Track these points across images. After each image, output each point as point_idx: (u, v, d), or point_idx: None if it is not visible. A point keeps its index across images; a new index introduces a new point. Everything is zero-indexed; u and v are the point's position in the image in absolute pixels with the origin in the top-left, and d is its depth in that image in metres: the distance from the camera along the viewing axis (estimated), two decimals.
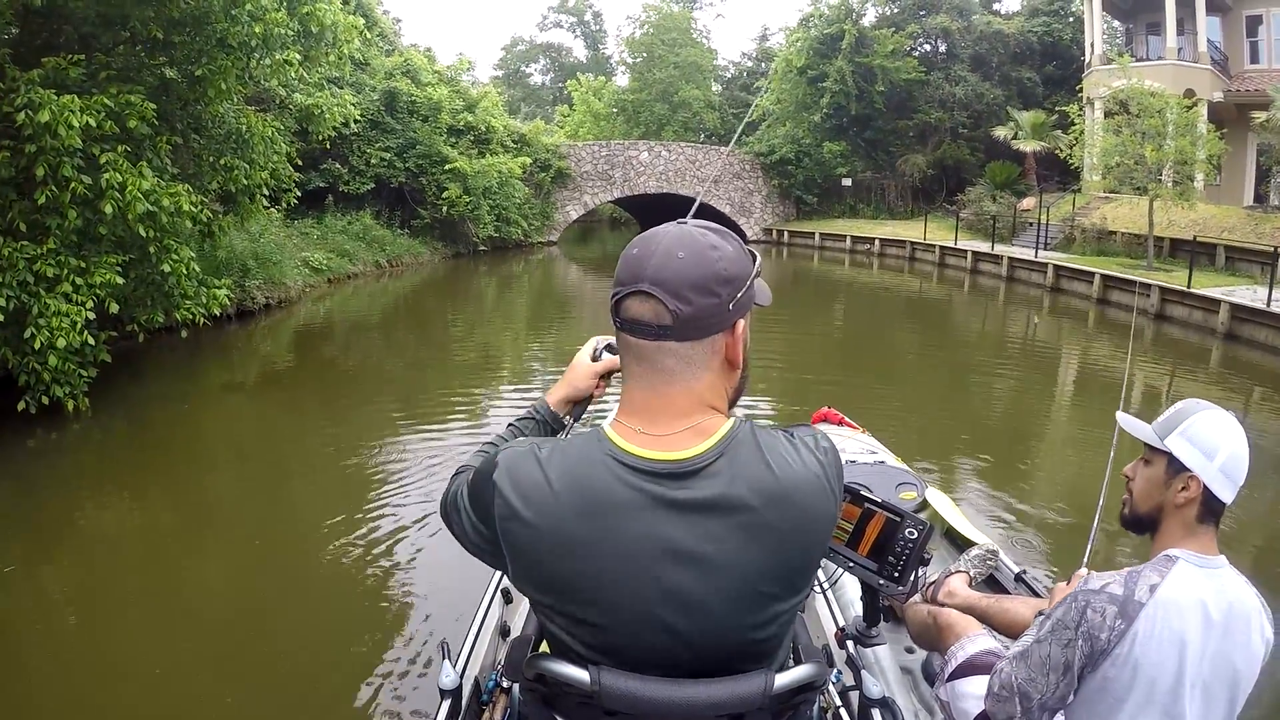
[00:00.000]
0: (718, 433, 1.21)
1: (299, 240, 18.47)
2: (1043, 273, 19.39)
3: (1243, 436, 1.85)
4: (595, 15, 66.66)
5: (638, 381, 1.23)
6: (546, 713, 1.32)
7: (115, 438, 8.16)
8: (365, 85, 22.97)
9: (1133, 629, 1.75)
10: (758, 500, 1.18)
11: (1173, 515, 1.87)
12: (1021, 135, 29.26)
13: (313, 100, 11.23)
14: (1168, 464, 1.87)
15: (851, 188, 33.65)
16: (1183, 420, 1.88)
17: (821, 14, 33.61)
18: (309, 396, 10.18)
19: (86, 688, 4.09)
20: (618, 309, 1.21)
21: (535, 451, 1.23)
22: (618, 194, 33.58)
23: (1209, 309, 14.11)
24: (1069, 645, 1.82)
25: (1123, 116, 18.93)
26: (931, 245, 24.81)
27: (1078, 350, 13.84)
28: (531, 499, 1.19)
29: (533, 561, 1.21)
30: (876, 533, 2.17)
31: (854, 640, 2.32)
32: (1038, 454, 8.32)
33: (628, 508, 1.17)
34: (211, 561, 5.60)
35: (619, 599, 1.18)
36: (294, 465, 7.69)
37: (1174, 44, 25.20)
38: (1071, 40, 32.70)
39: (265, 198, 10.37)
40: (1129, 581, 1.79)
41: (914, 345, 14.20)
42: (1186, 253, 18.13)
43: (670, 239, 1.21)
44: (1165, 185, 18.28)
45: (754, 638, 1.23)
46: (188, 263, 8.07)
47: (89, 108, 7.01)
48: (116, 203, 7.17)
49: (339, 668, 4.20)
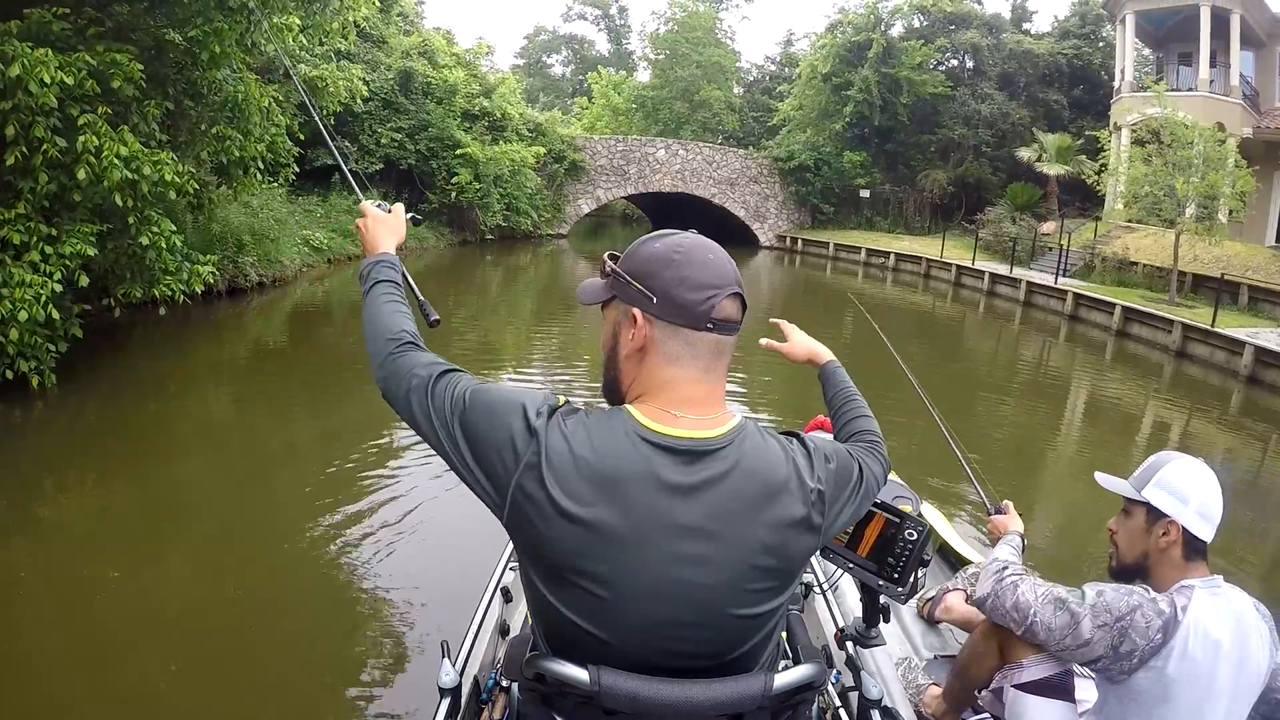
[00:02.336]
0: (733, 421, 1.34)
1: (302, 217, 18.04)
2: (1061, 300, 18.85)
3: (1214, 479, 2.02)
4: (620, 10, 66.21)
5: (695, 374, 1.33)
6: (546, 712, 1.32)
7: (85, 418, 7.65)
8: (380, 63, 22.54)
9: (1169, 644, 1.88)
10: (760, 485, 1.29)
11: (1159, 559, 2.03)
12: (1046, 158, 28.76)
13: (318, 72, 10.76)
14: (1147, 513, 2.04)
15: (869, 199, 33.17)
16: (1156, 471, 2.05)
17: (851, 21, 33.09)
18: (299, 381, 9.70)
19: (47, 689, 3.78)
20: (710, 310, 1.31)
21: (561, 425, 1.28)
22: (631, 190, 33.09)
23: (1232, 350, 13.59)
24: (1103, 628, 1.95)
25: (1154, 145, 18.42)
26: (948, 264, 24.27)
27: (1094, 383, 13.33)
28: (553, 461, 1.24)
29: (546, 520, 1.23)
30: (876, 534, 2.20)
31: (854, 641, 2.35)
32: (1038, 484, 7.96)
33: (648, 478, 1.24)
34: (191, 558, 5.20)
35: (632, 563, 1.23)
36: (281, 454, 7.23)
37: (1206, 75, 24.79)
38: (1101, 65, 32.31)
39: (260, 171, 9.86)
40: (1173, 602, 1.92)
41: (923, 363, 13.70)
42: (1209, 289, 17.69)
43: (706, 243, 1.36)
44: (1190, 219, 17.80)
45: (750, 625, 1.31)
46: (168, 236, 7.60)
47: (68, 65, 6.54)
48: (92, 168, 6.69)
49: (337, 667, 4.11)
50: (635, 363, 1.36)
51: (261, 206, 15.23)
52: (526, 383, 10.10)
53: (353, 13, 9.69)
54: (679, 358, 1.32)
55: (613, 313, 1.40)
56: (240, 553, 5.30)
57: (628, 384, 1.38)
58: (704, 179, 33.04)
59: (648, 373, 1.34)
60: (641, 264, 1.34)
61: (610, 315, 1.41)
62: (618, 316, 1.38)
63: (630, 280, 1.33)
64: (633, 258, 1.37)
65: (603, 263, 1.42)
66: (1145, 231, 21.41)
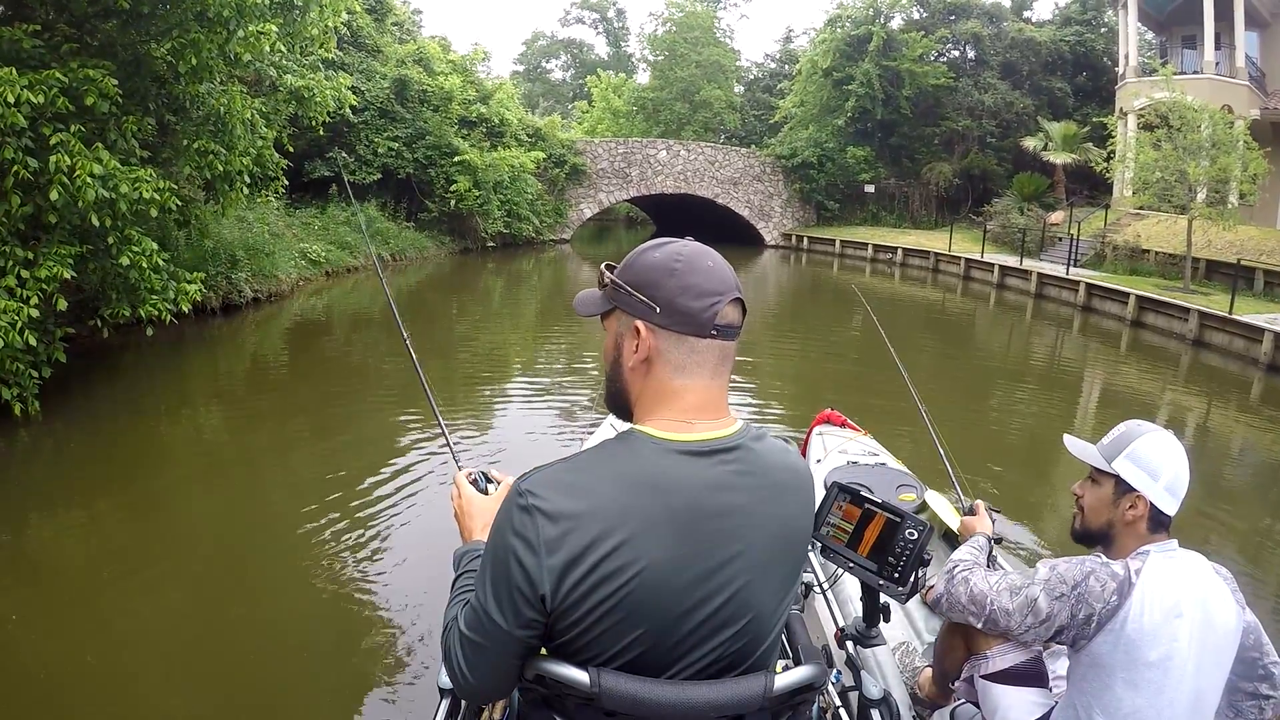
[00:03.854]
0: (738, 421, 1.35)
1: (299, 230, 17.82)
2: (1074, 291, 18.53)
3: (1183, 456, 2.03)
4: (618, 12, 66.18)
5: (702, 381, 1.33)
6: (546, 713, 1.32)
7: (71, 445, 7.38)
8: (376, 72, 22.34)
9: (1125, 605, 1.90)
10: (775, 480, 1.34)
11: (1123, 530, 2.05)
12: (1052, 146, 28.45)
13: (304, 82, 10.52)
14: (1115, 485, 2.05)
15: (874, 194, 32.89)
16: (1128, 444, 2.05)
17: (850, 15, 32.81)
18: (295, 397, 9.45)
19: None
20: (714, 317, 1.30)
21: (559, 470, 1.28)
22: (634, 193, 32.80)
23: (1252, 338, 13.25)
24: (1060, 599, 1.99)
25: (1163, 130, 18.08)
26: (957, 257, 23.95)
27: (1109, 374, 13.01)
28: (579, 492, 1.23)
29: (597, 558, 1.20)
30: (876, 534, 2.18)
31: (854, 641, 2.34)
32: (1048, 477, 7.72)
33: (681, 481, 1.25)
34: (188, 583, 5.00)
35: (681, 561, 1.23)
36: (278, 471, 7.00)
37: (1211, 58, 24.48)
38: (1104, 51, 32.04)
39: (246, 185, 9.61)
40: (1126, 565, 1.96)
41: (933, 357, 13.40)
42: (1223, 275, 17.37)
43: (704, 250, 1.35)
44: (1201, 204, 17.46)
45: (776, 622, 1.36)
46: (150, 255, 7.36)
47: (37, 83, 6.31)
48: (66, 188, 6.46)
49: (338, 668, 4.13)
50: (641, 374, 1.34)
51: (258, 220, 15.00)
52: (533, 390, 9.90)
53: (334, 18, 9.42)
54: (685, 366, 1.32)
55: (614, 324, 1.38)
56: (239, 571, 5.20)
57: (634, 396, 1.37)
58: (707, 179, 32.76)
59: (655, 384, 1.33)
60: (642, 274, 1.33)
61: (611, 326, 1.39)
62: (619, 328, 1.37)
63: (632, 291, 1.32)
64: (632, 268, 1.35)
65: (601, 273, 1.40)
66: (1156, 218, 21.10)
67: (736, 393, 9.63)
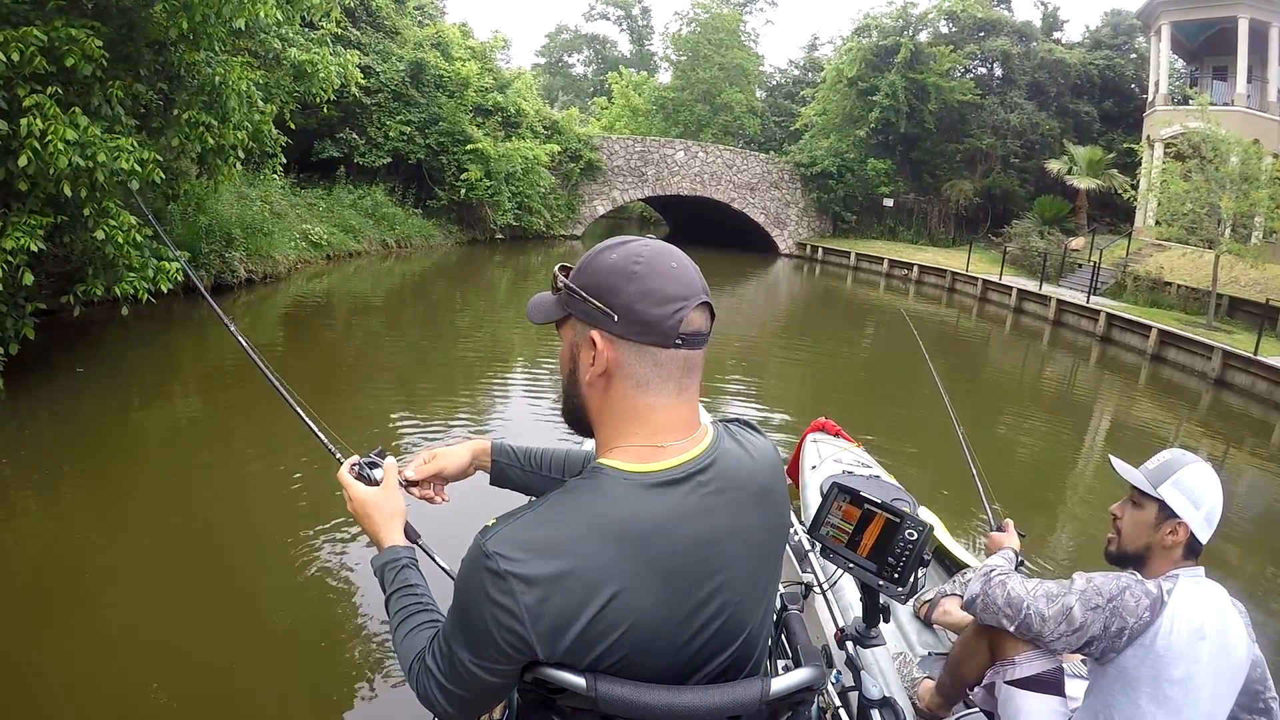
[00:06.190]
0: (710, 432, 1.28)
1: (303, 210, 17.41)
2: (1094, 320, 18.00)
3: (1220, 487, 2.10)
4: (643, 10, 65.69)
5: (668, 399, 1.22)
6: (545, 715, 1.28)
7: (37, 426, 6.98)
8: (392, 54, 21.93)
9: (1157, 623, 1.95)
10: (755, 487, 1.27)
11: (1159, 554, 2.10)
12: (1076, 171, 27.95)
13: (307, 57, 10.07)
14: (1159, 510, 2.10)
15: (893, 208, 32.43)
16: (1174, 471, 2.11)
17: (878, 25, 32.32)
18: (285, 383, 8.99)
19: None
20: (678, 325, 1.19)
21: (526, 523, 1.16)
22: (649, 192, 32.34)
23: (1275, 381, 12.79)
24: (1095, 610, 2.03)
25: (1194, 160, 17.60)
26: (974, 278, 23.41)
27: (1125, 408, 12.53)
28: (553, 551, 1.13)
29: (585, 620, 1.13)
30: (876, 534, 2.17)
31: (853, 641, 2.32)
32: (1053, 510, 7.42)
33: (659, 522, 1.16)
34: (160, 575, 4.78)
35: (669, 605, 1.17)
36: (259, 462, 6.57)
37: (1243, 90, 24.07)
38: (1133, 77, 31.57)
39: (240, 160, 9.16)
40: (1159, 585, 2.01)
41: (945, 377, 12.96)
42: (1246, 314, 16.91)
43: (667, 250, 1.23)
44: (1228, 239, 17.00)
45: (764, 630, 1.33)
46: (129, 230, 6.93)
47: (13, 40, 5.88)
48: (37, 154, 6.03)
49: (333, 669, 3.99)
50: (600, 389, 1.24)
51: (259, 198, 14.58)
52: (535, 384, 9.54)
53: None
54: (648, 381, 1.21)
55: (569, 333, 1.28)
56: (220, 566, 4.95)
57: (594, 412, 1.27)
58: (723, 183, 32.29)
59: (616, 401, 1.23)
60: (599, 278, 1.21)
61: (567, 335, 1.29)
62: (574, 337, 1.26)
63: (586, 297, 1.21)
64: (587, 271, 1.23)
65: (554, 277, 1.29)
66: (1180, 250, 20.59)
67: (740, 400, 9.27)
